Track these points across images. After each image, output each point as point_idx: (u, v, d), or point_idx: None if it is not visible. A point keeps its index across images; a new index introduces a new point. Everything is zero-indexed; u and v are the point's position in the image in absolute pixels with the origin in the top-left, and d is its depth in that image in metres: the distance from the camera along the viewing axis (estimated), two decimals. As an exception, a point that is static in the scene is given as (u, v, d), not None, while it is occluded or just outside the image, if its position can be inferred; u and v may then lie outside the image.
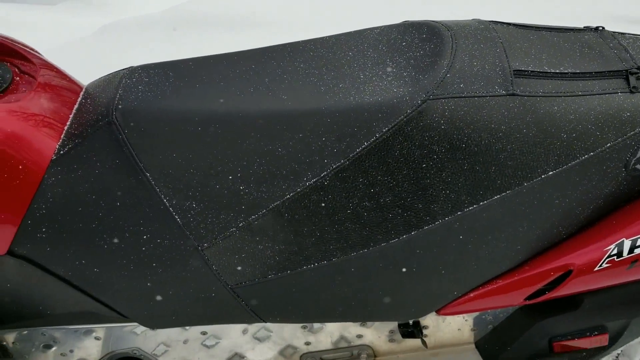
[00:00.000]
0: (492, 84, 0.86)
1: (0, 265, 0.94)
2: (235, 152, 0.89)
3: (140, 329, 1.09)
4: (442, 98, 0.85)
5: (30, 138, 0.90)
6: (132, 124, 0.90)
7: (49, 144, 0.92)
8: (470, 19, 1.02)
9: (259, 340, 1.14)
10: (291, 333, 1.13)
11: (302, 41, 1.04)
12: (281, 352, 1.15)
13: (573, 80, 0.89)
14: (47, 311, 1.02)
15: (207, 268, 0.94)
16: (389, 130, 0.85)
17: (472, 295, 0.98)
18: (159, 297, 0.98)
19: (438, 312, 1.01)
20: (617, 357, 1.21)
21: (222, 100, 0.91)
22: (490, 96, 0.86)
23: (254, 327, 1.13)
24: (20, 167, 0.89)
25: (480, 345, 1.11)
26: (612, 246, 0.90)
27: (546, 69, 0.89)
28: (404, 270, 0.94)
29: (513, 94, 0.86)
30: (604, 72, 0.90)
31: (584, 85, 0.88)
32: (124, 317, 1.01)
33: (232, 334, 1.13)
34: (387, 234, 0.90)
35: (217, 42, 2.72)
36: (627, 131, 0.87)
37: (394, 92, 0.87)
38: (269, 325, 1.13)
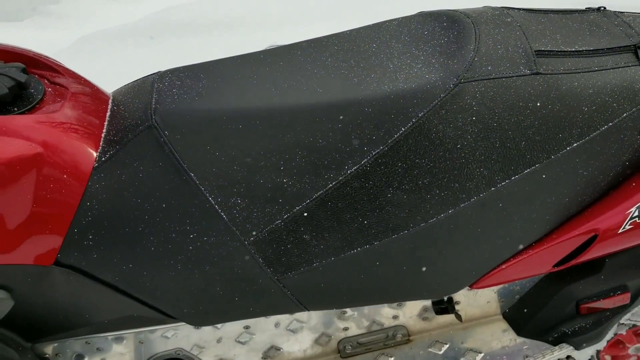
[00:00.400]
0: (517, 64, 0.92)
1: (47, 275, 0.95)
2: (276, 146, 0.92)
3: (181, 329, 1.10)
4: (473, 81, 0.90)
5: (71, 147, 0.91)
6: (172, 126, 0.92)
7: (89, 152, 0.93)
8: (482, 6, 1.08)
9: (293, 332, 1.17)
10: (326, 321, 1.16)
11: (324, 37, 1.08)
12: (316, 341, 1.18)
13: (588, 57, 0.95)
14: (93, 319, 1.03)
15: (253, 261, 0.96)
16: (424, 114, 0.90)
17: (504, 267, 1.03)
18: (206, 295, 1.00)
19: (471, 286, 1.06)
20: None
21: (259, 97, 0.94)
22: (516, 76, 0.91)
23: (285, 320, 1.16)
24: (65, 176, 0.90)
25: (508, 315, 1.17)
26: (634, 209, 0.98)
27: (562, 48, 0.96)
28: (441, 248, 0.99)
29: (537, 73, 0.92)
30: (615, 47, 0.97)
31: (599, 61, 0.95)
32: (171, 318, 1.03)
33: (267, 327, 1.16)
34: (426, 215, 0.95)
35: (196, 48, 2.73)
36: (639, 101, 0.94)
37: (427, 77, 0.92)
38: (300, 316, 1.16)
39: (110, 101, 1.04)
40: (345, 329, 1.16)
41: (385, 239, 0.96)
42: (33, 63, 1.02)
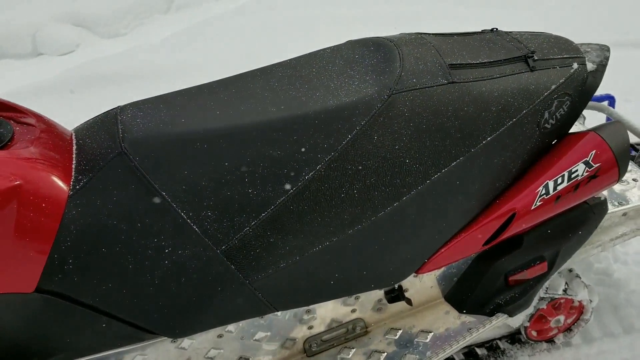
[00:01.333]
0: (436, 76, 1.10)
1: (28, 303, 0.98)
2: (239, 160, 1.03)
3: (156, 347, 1.16)
4: (402, 91, 1.07)
5: (46, 178, 0.97)
6: (141, 151, 1.01)
7: (63, 182, 0.99)
8: (398, 33, 1.27)
9: (258, 341, 1.25)
10: (291, 324, 1.26)
11: (268, 66, 1.21)
12: (283, 345, 1.27)
13: (491, 67, 1.15)
14: (73, 343, 1.06)
15: (226, 268, 1.05)
16: (366, 122, 1.05)
17: (442, 251, 1.19)
18: (183, 306, 1.07)
19: (417, 271, 1.21)
20: (545, 290, 1.49)
21: (219, 120, 1.05)
22: (437, 85, 1.09)
23: (251, 330, 1.25)
24: (43, 205, 0.95)
25: (449, 297, 1.33)
26: (541, 188, 1.17)
27: (469, 61, 1.15)
28: (390, 238, 1.13)
29: (452, 82, 1.10)
30: (510, 58, 1.17)
31: (499, 70, 1.15)
32: (150, 333, 1.09)
33: (234, 341, 1.24)
34: (375, 209, 1.09)
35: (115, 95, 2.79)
36: (534, 100, 1.14)
37: (365, 92, 1.07)
38: (265, 321, 1.25)
39: (73, 136, 1.11)
40: (310, 327, 1.26)
41: (342, 234, 1.09)
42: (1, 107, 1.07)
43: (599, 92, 1.89)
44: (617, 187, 1.43)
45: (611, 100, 1.85)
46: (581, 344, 1.68)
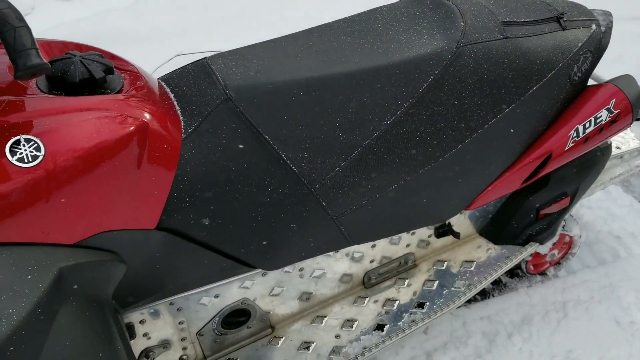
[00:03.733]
0: (494, 32, 1.25)
1: (149, 239, 1.05)
2: (332, 106, 1.13)
3: (249, 283, 1.25)
4: (468, 44, 1.21)
5: (164, 122, 1.03)
6: (245, 98, 1.09)
7: (177, 125, 1.06)
8: None
9: (318, 278, 1.38)
10: (354, 258, 1.39)
11: (330, 22, 1.31)
12: (341, 280, 1.40)
13: (533, 25, 1.32)
14: (181, 278, 1.14)
15: (318, 205, 1.16)
16: (439, 72, 1.18)
17: (489, 189, 1.36)
18: (279, 240, 1.17)
19: (467, 208, 1.37)
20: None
21: (310, 69, 1.15)
22: (495, 40, 1.24)
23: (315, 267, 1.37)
24: (165, 145, 1.02)
25: (484, 231, 1.51)
26: (572, 132, 1.36)
27: (516, 19, 1.31)
28: (451, 178, 1.28)
29: (507, 37, 1.26)
30: (545, 19, 1.34)
31: (540, 28, 1.32)
32: (249, 266, 1.18)
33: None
34: (443, 150, 1.23)
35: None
36: (567, 55, 1.32)
37: (435, 44, 1.20)
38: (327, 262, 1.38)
39: (163, 84, 1.16)
40: (372, 261, 1.40)
41: (415, 174, 1.23)
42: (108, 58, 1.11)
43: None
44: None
45: None
46: (566, 275, 1.94)
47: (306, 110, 1.12)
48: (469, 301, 1.80)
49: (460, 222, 1.48)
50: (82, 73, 0.97)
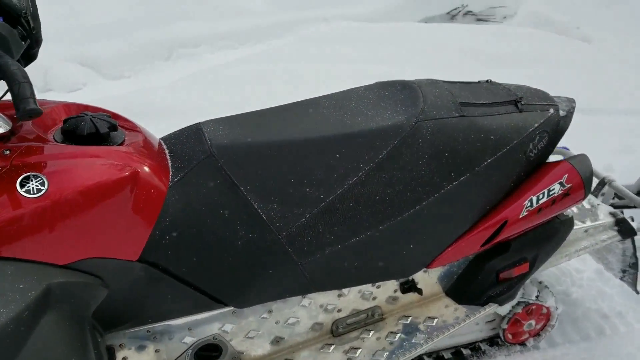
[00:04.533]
0: (451, 110, 1.43)
1: (131, 270, 1.22)
2: (301, 166, 1.32)
3: (220, 318, 1.40)
4: (425, 120, 1.39)
5: (154, 171, 1.24)
6: (226, 155, 1.29)
7: (165, 175, 1.26)
8: (416, 79, 1.61)
9: (292, 325, 1.51)
10: (323, 306, 1.51)
11: (313, 98, 1.52)
12: (312, 328, 1.53)
13: (490, 107, 1.49)
14: (159, 308, 1.30)
15: (284, 251, 1.32)
16: (398, 141, 1.36)
17: (448, 250, 1.49)
18: (248, 281, 1.33)
19: (428, 266, 1.50)
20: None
21: (285, 135, 1.35)
22: (451, 117, 1.42)
23: (288, 315, 1.50)
24: (152, 190, 1.21)
25: (450, 291, 1.62)
26: (527, 202, 1.50)
27: (474, 101, 1.49)
28: (410, 235, 1.42)
29: (463, 116, 1.43)
30: (503, 101, 1.52)
31: (497, 109, 1.49)
32: (219, 303, 1.33)
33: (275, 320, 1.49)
34: (400, 210, 1.39)
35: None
36: (522, 133, 1.48)
37: (396, 118, 1.39)
38: (298, 310, 1.51)
39: (161, 142, 1.38)
40: (339, 310, 1.53)
41: (375, 229, 1.38)
42: (113, 116, 1.35)
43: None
44: (580, 210, 1.78)
45: (566, 149, 2.21)
46: (547, 347, 2.00)
47: (278, 168, 1.30)
48: (446, 365, 1.88)
49: (427, 281, 1.60)
50: (90, 128, 1.20)
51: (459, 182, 1.42)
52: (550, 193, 1.51)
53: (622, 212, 1.82)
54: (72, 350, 1.07)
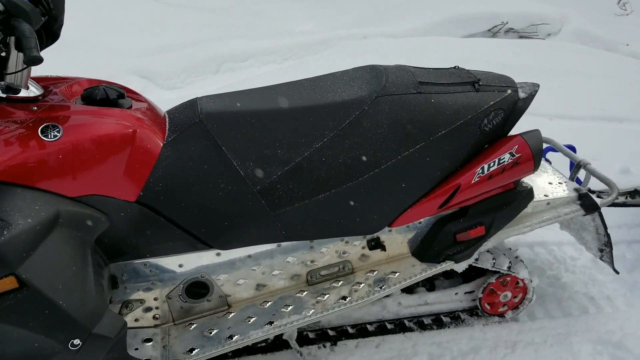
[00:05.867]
0: (409, 88, 1.65)
1: (130, 209, 1.51)
2: (275, 131, 1.58)
3: (206, 258, 1.66)
4: (385, 95, 1.62)
5: (151, 130, 1.53)
6: (212, 120, 1.57)
7: (161, 135, 1.55)
8: (392, 64, 1.84)
9: (274, 275, 1.75)
10: (299, 258, 1.75)
11: (296, 80, 1.78)
12: (291, 278, 1.76)
13: (447, 86, 1.70)
14: (153, 246, 1.58)
15: (259, 202, 1.58)
16: (359, 113, 1.60)
17: (409, 211, 1.70)
18: (229, 227, 1.59)
19: (390, 225, 1.71)
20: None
21: (263, 105, 1.61)
22: (408, 94, 1.64)
23: (272, 267, 1.75)
24: (149, 145, 1.51)
25: (415, 252, 1.82)
26: (479, 169, 1.68)
27: (434, 81, 1.70)
28: (371, 195, 1.64)
29: (420, 92, 1.65)
30: (462, 82, 1.72)
31: (453, 88, 1.70)
32: (205, 245, 1.60)
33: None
34: (361, 173, 1.61)
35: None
36: (477, 109, 1.67)
37: (359, 94, 1.63)
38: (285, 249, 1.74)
39: (166, 114, 1.68)
40: (312, 261, 1.75)
41: (338, 188, 1.61)
42: (125, 89, 1.67)
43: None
44: (545, 185, 1.93)
45: (572, 148, 2.34)
46: (526, 320, 2.13)
47: (255, 133, 1.57)
48: (424, 328, 2.05)
49: (393, 240, 1.81)
50: (102, 94, 1.52)
51: (415, 149, 1.63)
52: (501, 162, 1.69)
53: (589, 190, 1.95)
54: (73, 261, 1.36)
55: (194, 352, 1.60)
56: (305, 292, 1.75)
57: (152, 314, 1.69)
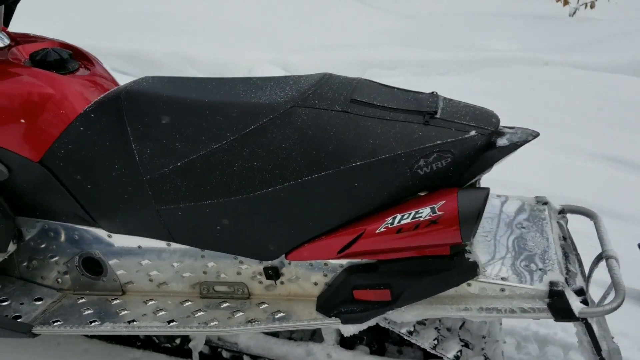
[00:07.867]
0: (335, 104, 1.40)
1: (32, 169, 1.57)
2: (180, 121, 1.48)
3: (99, 237, 1.64)
4: (302, 107, 1.41)
5: (72, 97, 1.57)
6: (128, 99, 1.53)
7: (82, 104, 1.57)
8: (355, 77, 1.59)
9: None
10: (190, 265, 1.62)
11: (252, 77, 1.65)
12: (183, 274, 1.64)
13: (386, 111, 1.40)
14: (52, 209, 1.62)
15: (145, 191, 1.50)
16: (266, 121, 1.41)
17: (305, 246, 1.44)
18: (116, 211, 1.55)
19: (287, 257, 1.48)
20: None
21: (188, 95, 1.51)
22: (330, 110, 1.40)
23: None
24: (63, 111, 1.54)
25: (318, 297, 1.54)
26: (389, 218, 1.34)
27: (374, 103, 1.42)
28: (263, 215, 1.44)
29: (345, 112, 1.39)
30: (411, 110, 1.40)
31: (394, 115, 1.38)
32: (95, 223, 1.59)
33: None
34: (255, 188, 1.42)
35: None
36: (413, 146, 1.33)
37: (275, 99, 1.44)
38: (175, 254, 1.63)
39: (112, 83, 1.71)
40: (204, 272, 1.61)
41: (227, 199, 1.45)
42: (78, 53, 1.74)
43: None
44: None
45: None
46: None
47: (163, 119, 1.50)
48: None
49: (293, 275, 1.55)
50: (42, 56, 1.60)
51: (320, 175, 1.38)
52: (417, 216, 1.33)
53: (580, 290, 1.43)
54: None
55: (55, 324, 1.60)
56: (191, 303, 1.62)
57: (55, 277, 1.72)
